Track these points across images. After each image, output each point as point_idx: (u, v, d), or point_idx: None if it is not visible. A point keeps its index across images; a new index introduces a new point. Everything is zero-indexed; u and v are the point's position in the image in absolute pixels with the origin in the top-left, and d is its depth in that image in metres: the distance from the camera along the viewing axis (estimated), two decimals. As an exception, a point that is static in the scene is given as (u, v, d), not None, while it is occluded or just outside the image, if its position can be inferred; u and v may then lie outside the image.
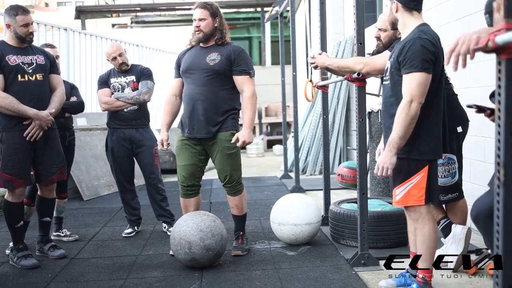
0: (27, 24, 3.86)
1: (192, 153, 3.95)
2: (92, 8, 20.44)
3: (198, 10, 3.87)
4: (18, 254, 3.93)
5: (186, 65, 3.93)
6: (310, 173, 8.63)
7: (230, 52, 3.87)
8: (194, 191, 4.05)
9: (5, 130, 3.87)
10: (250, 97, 3.87)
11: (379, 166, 2.83)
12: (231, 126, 3.92)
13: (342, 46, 8.54)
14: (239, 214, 4.12)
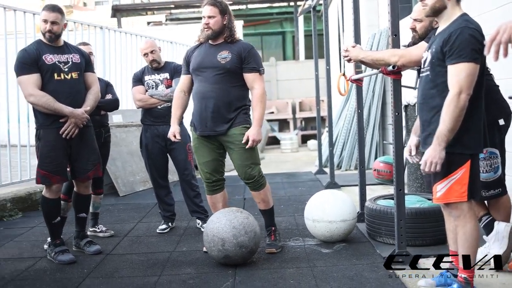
0: (46, 21, 3.90)
1: (210, 148, 3.94)
2: (127, 6, 20.69)
3: (207, 7, 3.83)
4: (56, 249, 3.99)
5: (197, 63, 3.90)
6: (345, 168, 8.52)
7: (241, 50, 3.84)
8: (219, 186, 4.04)
9: (42, 127, 3.93)
10: (260, 95, 3.85)
11: (426, 161, 2.73)
12: (244, 121, 3.90)
13: (377, 39, 8.38)
14: (266, 208, 4.07)
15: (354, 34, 4.54)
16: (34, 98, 3.83)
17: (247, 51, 3.84)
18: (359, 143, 4.84)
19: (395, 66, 3.33)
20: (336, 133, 8.80)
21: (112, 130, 7.17)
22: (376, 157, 8.37)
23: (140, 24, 21.42)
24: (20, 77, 3.87)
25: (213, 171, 3.98)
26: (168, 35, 11.10)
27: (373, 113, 8.48)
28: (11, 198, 5.74)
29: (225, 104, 3.82)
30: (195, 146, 4.01)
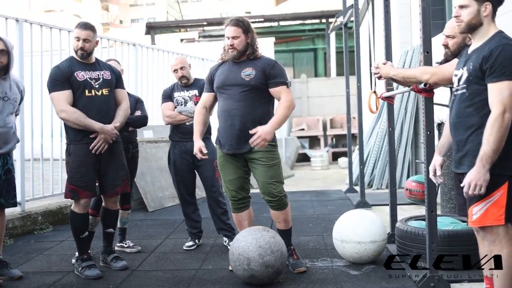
0: (78, 38, 3.97)
1: (235, 166, 3.91)
2: (161, 24, 21.05)
3: (230, 28, 3.82)
4: (83, 264, 4.01)
5: (220, 81, 3.89)
6: (376, 187, 8.38)
7: (265, 66, 3.83)
8: (245, 204, 4.00)
9: (73, 143, 3.98)
10: (287, 101, 3.81)
11: (470, 183, 2.62)
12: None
13: (410, 56, 8.27)
14: (286, 228, 3.98)
15: (385, 51, 4.47)
16: (65, 114, 3.88)
17: (271, 67, 3.83)
18: (390, 161, 4.74)
19: (427, 83, 3.25)
20: (367, 151, 8.68)
21: (143, 146, 7.26)
22: (408, 176, 8.20)
23: (174, 41, 21.75)
24: (53, 93, 3.94)
25: (238, 189, 3.94)
26: (200, 52, 11.22)
27: (405, 131, 8.34)
28: (43, 211, 5.82)
29: (251, 121, 3.79)
30: (221, 163, 3.99)
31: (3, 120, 3.83)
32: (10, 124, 3.90)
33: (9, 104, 3.90)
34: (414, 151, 8.49)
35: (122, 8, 46.58)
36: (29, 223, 5.60)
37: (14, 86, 3.97)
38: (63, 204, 6.12)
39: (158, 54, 8.68)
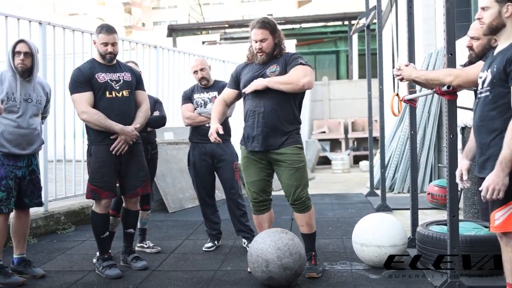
0: (106, 44, 4.00)
1: (258, 168, 3.89)
2: (182, 26, 21.18)
3: (258, 30, 3.74)
4: (103, 263, 4.04)
5: (247, 79, 3.86)
6: (398, 191, 8.29)
7: (285, 58, 3.80)
8: (266, 206, 3.98)
9: (94, 144, 4.02)
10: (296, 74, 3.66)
11: (488, 187, 2.58)
12: (296, 141, 3.83)
13: (434, 58, 8.18)
14: (309, 232, 3.95)
15: (408, 53, 4.42)
16: (86, 115, 3.92)
17: (290, 56, 3.80)
18: (411, 165, 4.68)
19: (450, 86, 3.20)
20: (389, 155, 8.60)
21: (163, 147, 7.31)
22: (430, 180, 8.10)
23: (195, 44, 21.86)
24: (74, 95, 3.98)
25: (260, 191, 3.93)
26: (221, 54, 11.25)
27: (428, 134, 8.24)
28: (65, 211, 5.89)
29: (277, 120, 3.75)
30: (244, 164, 3.97)
31: (26, 122, 3.89)
32: (34, 125, 3.96)
33: (33, 106, 3.95)
34: (437, 155, 8.38)
35: (144, 11, 47.00)
36: (52, 223, 5.67)
37: (38, 88, 4.03)
38: (85, 205, 6.19)
39: (179, 56, 8.73)
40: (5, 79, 3.83)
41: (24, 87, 3.90)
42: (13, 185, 3.84)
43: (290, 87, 3.66)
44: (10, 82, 3.84)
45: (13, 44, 3.87)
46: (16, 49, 3.85)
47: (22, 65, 3.87)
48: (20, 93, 3.86)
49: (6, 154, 3.82)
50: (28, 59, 3.88)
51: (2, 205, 3.79)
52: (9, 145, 3.80)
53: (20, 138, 3.85)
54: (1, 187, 3.78)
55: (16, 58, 3.85)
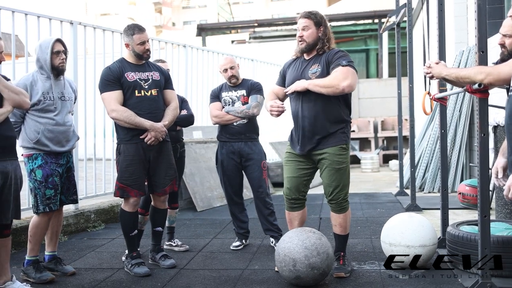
0: (143, 42, 4.04)
1: (298, 165, 3.87)
2: (212, 25, 21.28)
3: (301, 19, 3.79)
4: (132, 261, 4.08)
5: (291, 80, 3.84)
6: (428, 191, 8.16)
7: (328, 56, 3.74)
8: (298, 204, 3.95)
9: (123, 142, 4.07)
10: (336, 77, 3.60)
11: (510, 187, 2.52)
12: (341, 141, 3.77)
13: (465, 56, 8.02)
14: (342, 233, 3.92)
15: (438, 50, 4.35)
16: (116, 113, 3.97)
17: (333, 55, 3.73)
18: (442, 165, 4.60)
19: (482, 84, 3.13)
20: (419, 154, 8.48)
21: (192, 146, 7.36)
22: (461, 180, 7.96)
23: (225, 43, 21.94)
24: (104, 93, 4.04)
25: (294, 188, 3.90)
26: (250, 53, 11.27)
27: (459, 133, 8.09)
28: (95, 209, 5.98)
29: (321, 122, 3.73)
30: (285, 159, 3.96)
31: (63, 119, 3.97)
32: (69, 122, 4.05)
33: (66, 103, 4.03)
34: (468, 155, 8.23)
35: (174, 10, 47.41)
36: (82, 221, 5.77)
37: (68, 85, 4.10)
38: (114, 203, 6.27)
39: (208, 55, 8.77)
40: (37, 80, 3.90)
41: (57, 85, 3.97)
42: (58, 181, 3.95)
43: (331, 91, 3.62)
44: (43, 82, 3.91)
45: (51, 43, 3.91)
46: (55, 48, 3.92)
47: (63, 64, 3.96)
48: (54, 91, 3.93)
49: (48, 152, 3.91)
50: (64, 57, 3.96)
51: (51, 203, 3.90)
52: (50, 143, 3.89)
53: (60, 135, 3.94)
54: (49, 184, 3.89)
55: (56, 58, 3.92)
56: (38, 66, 3.95)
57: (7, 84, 3.43)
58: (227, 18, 33.74)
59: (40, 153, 3.89)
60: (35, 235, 3.92)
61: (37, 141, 3.85)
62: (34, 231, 3.92)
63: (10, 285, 3.52)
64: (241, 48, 16.39)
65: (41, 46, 3.94)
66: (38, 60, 3.93)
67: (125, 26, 4.17)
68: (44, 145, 3.88)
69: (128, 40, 4.07)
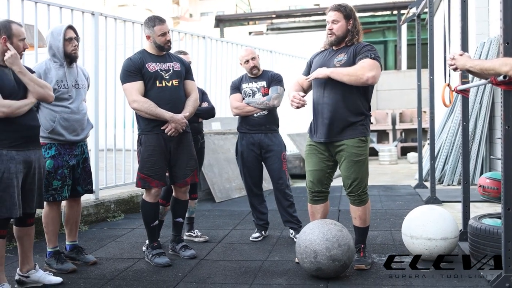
0: (164, 33, 4.05)
1: (319, 158, 3.86)
2: (230, 17, 21.24)
3: (331, 12, 3.78)
4: (153, 251, 4.12)
5: (316, 67, 3.84)
6: (447, 183, 8.10)
7: (356, 48, 3.73)
8: (321, 197, 3.95)
9: (144, 133, 4.09)
10: (363, 67, 3.57)
11: None
12: (360, 133, 3.76)
13: (486, 48, 7.92)
14: (361, 226, 3.91)
15: (461, 42, 4.30)
16: (137, 104, 3.99)
17: (361, 47, 3.72)
18: (463, 157, 4.56)
19: (507, 76, 3.08)
20: (438, 146, 8.41)
21: (211, 137, 7.38)
22: (481, 172, 7.88)
23: (242, 34, 21.91)
24: (125, 84, 4.06)
25: (317, 181, 3.90)
26: (268, 45, 11.25)
27: (479, 126, 8.00)
28: (115, 200, 6.04)
29: (340, 111, 3.72)
30: (306, 152, 3.96)
31: (77, 107, 3.98)
32: (84, 110, 4.06)
33: (81, 90, 4.04)
34: (489, 147, 8.14)
35: (192, 1, 47.42)
36: (102, 211, 5.83)
37: (81, 73, 4.11)
38: (134, 193, 6.33)
39: (227, 46, 8.77)
40: (50, 68, 3.89)
41: (71, 73, 3.97)
42: (68, 173, 3.96)
43: (353, 79, 3.59)
44: (57, 70, 3.90)
45: (63, 30, 3.89)
46: (67, 35, 3.91)
47: (76, 51, 3.96)
48: (68, 79, 3.94)
49: (62, 143, 3.91)
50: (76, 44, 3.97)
51: (56, 194, 3.90)
52: (66, 132, 3.90)
53: (75, 123, 3.95)
54: (57, 176, 3.89)
55: (69, 45, 3.92)
56: (50, 54, 3.94)
57: (32, 77, 3.47)
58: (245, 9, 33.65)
59: (54, 143, 3.89)
60: (48, 225, 3.96)
61: (52, 130, 3.84)
62: (45, 222, 3.97)
63: (33, 274, 3.58)
64: (259, 40, 16.36)
65: (53, 33, 3.93)
66: (50, 47, 3.93)
67: (146, 18, 4.18)
68: (59, 134, 3.88)
69: (149, 32, 4.08)
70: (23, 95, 3.42)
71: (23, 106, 3.37)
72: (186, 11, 46.74)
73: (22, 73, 3.41)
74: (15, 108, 3.31)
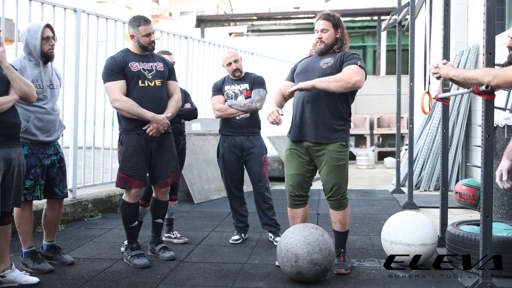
0: (149, 34, 4.03)
1: (300, 162, 3.87)
2: (211, 17, 21.19)
3: (320, 21, 3.81)
4: (132, 253, 4.08)
5: (301, 68, 3.88)
6: (424, 189, 8.20)
7: (343, 54, 3.77)
8: (301, 201, 3.96)
9: (125, 132, 4.06)
10: (348, 73, 3.62)
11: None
12: (341, 138, 3.79)
13: (465, 56, 8.05)
14: (341, 230, 3.93)
15: (443, 50, 4.36)
16: (119, 103, 3.95)
17: (348, 55, 3.76)
18: (442, 164, 4.62)
19: (489, 86, 3.14)
20: (416, 152, 8.51)
21: (191, 138, 7.34)
22: (457, 179, 8.00)
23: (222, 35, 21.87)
24: (107, 83, 4.01)
25: (297, 185, 3.90)
26: (249, 46, 11.23)
27: (456, 133, 8.12)
28: (93, 199, 5.96)
29: (322, 112, 3.74)
30: (286, 156, 3.96)
31: (52, 108, 3.91)
32: (57, 111, 3.99)
33: (55, 91, 3.97)
34: (465, 154, 8.27)
35: (172, 0, 47.14)
36: (79, 210, 5.75)
37: (54, 73, 4.04)
38: (112, 193, 6.26)
39: (209, 47, 8.74)
40: (26, 67, 3.78)
41: (46, 73, 3.90)
42: (40, 173, 3.87)
43: (341, 84, 3.61)
44: (32, 69, 3.81)
45: (41, 29, 3.80)
46: (45, 34, 3.83)
47: (52, 50, 3.89)
48: (44, 79, 3.86)
49: (35, 142, 3.82)
50: (53, 43, 3.90)
51: (28, 193, 3.80)
52: (39, 132, 3.81)
53: (49, 124, 3.88)
54: (30, 175, 3.79)
55: (46, 43, 3.84)
56: (26, 52, 3.83)
57: (18, 74, 3.41)
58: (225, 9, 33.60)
59: (27, 142, 3.78)
60: (21, 225, 3.86)
61: (26, 130, 3.72)
62: (19, 222, 3.86)
63: (10, 273, 3.51)
64: (240, 41, 16.36)
65: (30, 30, 3.82)
66: (26, 45, 3.81)
67: (131, 17, 4.15)
68: (32, 134, 3.79)
69: (134, 31, 4.04)
70: (5, 91, 3.36)
71: (6, 103, 3.31)
72: (165, 10, 46.42)
73: (9, 69, 3.35)
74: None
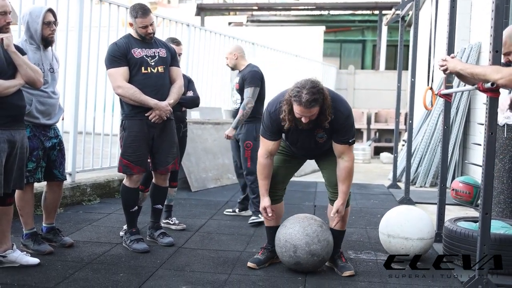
0: (146, 26, 4.01)
1: (287, 157, 3.84)
2: (212, 5, 21.11)
3: (306, 109, 3.27)
4: (131, 237, 4.10)
5: (293, 141, 3.69)
6: (420, 185, 8.25)
7: (334, 123, 3.46)
8: (276, 198, 3.78)
9: (128, 118, 4.06)
10: (351, 168, 3.66)
11: None
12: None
13: (467, 53, 8.06)
14: (339, 228, 3.77)
15: (447, 46, 4.38)
16: (121, 90, 3.95)
17: (340, 124, 3.47)
18: (442, 160, 4.65)
19: (494, 83, 3.16)
20: (413, 148, 8.54)
21: (189, 126, 7.30)
22: (454, 176, 8.06)
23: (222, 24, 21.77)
24: (110, 69, 4.01)
25: (279, 180, 3.77)
26: (248, 36, 11.22)
27: (454, 130, 8.16)
28: (91, 183, 5.97)
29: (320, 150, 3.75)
30: None
31: (53, 91, 3.91)
32: (57, 95, 3.99)
33: (55, 75, 3.97)
34: (462, 152, 8.32)
35: (171, -12, 46.84)
36: (78, 194, 5.75)
37: (54, 57, 4.03)
38: (110, 178, 6.26)
39: (211, 36, 8.72)
40: (27, 50, 3.75)
41: (46, 57, 3.89)
42: (42, 155, 3.88)
43: None
44: (33, 53, 3.80)
45: (43, 13, 3.79)
46: (46, 19, 3.82)
47: (52, 35, 3.88)
48: (44, 63, 3.85)
49: (37, 125, 3.83)
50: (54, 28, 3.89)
51: (30, 176, 3.80)
52: (40, 115, 3.82)
53: (50, 108, 3.88)
54: (32, 157, 3.79)
55: (47, 28, 3.82)
56: (27, 36, 3.82)
57: (25, 60, 3.41)
58: (225, -1, 33.41)
59: (29, 124, 3.77)
60: (23, 208, 3.87)
61: (28, 113, 3.72)
62: (20, 204, 3.86)
63: (11, 254, 3.53)
64: (239, 31, 16.31)
65: (31, 14, 3.82)
66: (28, 29, 3.80)
67: (131, 5, 4.12)
68: (34, 117, 3.79)
69: (132, 21, 4.05)
70: (12, 75, 3.36)
71: (12, 87, 3.32)
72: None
73: (16, 54, 3.36)
74: (3, 88, 3.26)
